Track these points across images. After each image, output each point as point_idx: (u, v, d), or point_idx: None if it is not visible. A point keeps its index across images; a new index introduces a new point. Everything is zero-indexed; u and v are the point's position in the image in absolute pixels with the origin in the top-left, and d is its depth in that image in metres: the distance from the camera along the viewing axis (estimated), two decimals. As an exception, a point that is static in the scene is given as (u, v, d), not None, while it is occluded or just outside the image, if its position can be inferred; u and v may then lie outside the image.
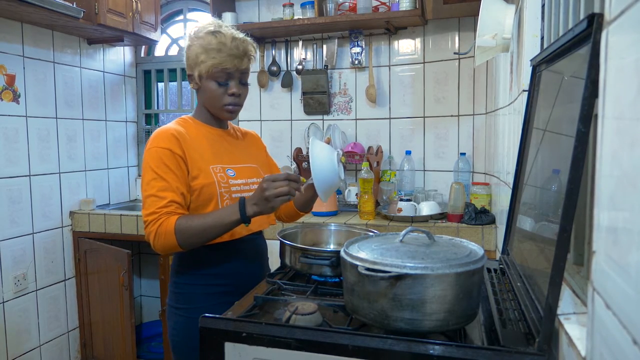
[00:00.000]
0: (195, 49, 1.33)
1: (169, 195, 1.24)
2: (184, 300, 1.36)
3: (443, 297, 0.83)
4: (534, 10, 1.28)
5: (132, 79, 3.27)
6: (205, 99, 1.38)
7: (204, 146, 1.36)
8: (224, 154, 1.41)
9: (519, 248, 1.15)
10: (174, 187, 1.25)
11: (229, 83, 1.34)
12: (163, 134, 1.31)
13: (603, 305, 0.54)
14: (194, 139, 1.35)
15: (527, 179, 1.15)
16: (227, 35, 1.32)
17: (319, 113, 2.89)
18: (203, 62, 1.31)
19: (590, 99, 0.66)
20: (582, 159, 0.68)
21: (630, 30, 0.49)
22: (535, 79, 1.15)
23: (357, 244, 0.99)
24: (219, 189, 1.32)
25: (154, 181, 1.25)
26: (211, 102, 1.37)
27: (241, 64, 1.34)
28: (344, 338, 0.83)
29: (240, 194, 1.36)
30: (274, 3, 2.91)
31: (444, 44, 2.64)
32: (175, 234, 1.21)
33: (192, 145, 1.33)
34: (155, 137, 1.31)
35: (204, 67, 1.31)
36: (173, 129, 1.33)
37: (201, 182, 1.30)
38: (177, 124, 1.37)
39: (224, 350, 0.90)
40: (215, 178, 1.32)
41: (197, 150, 1.33)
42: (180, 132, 1.32)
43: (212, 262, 1.35)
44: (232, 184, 1.36)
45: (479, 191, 2.26)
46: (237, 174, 1.39)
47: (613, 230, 0.52)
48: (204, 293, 1.34)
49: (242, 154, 1.47)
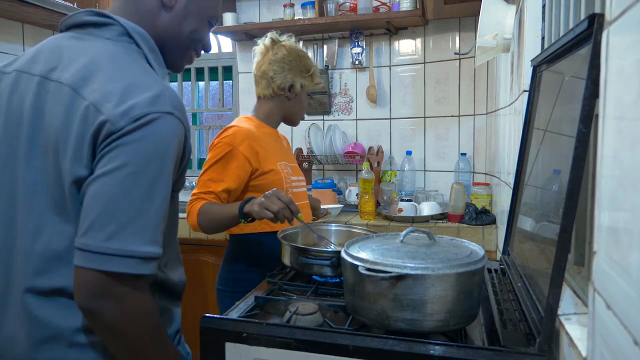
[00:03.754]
0: (308, 62, 1.57)
1: (213, 186, 1.41)
2: (234, 284, 1.50)
3: (444, 298, 0.83)
4: (534, 10, 1.28)
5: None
6: (294, 108, 1.60)
7: (272, 145, 1.55)
8: (283, 153, 1.61)
9: (519, 248, 1.15)
10: (221, 182, 1.42)
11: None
12: (239, 135, 1.46)
13: (604, 305, 0.54)
14: (264, 138, 1.52)
15: (527, 179, 1.15)
16: (311, 57, 1.62)
17: (320, 113, 2.89)
18: (310, 78, 1.57)
19: (591, 99, 0.66)
20: (583, 159, 0.68)
21: (631, 30, 0.49)
22: (535, 79, 1.15)
23: (358, 244, 0.99)
24: (285, 184, 1.51)
25: (210, 170, 1.44)
26: (300, 112, 1.62)
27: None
28: (345, 338, 0.83)
29: (296, 189, 1.56)
30: (274, 3, 2.91)
31: (445, 44, 2.64)
32: (198, 215, 1.37)
33: (263, 145, 1.50)
34: (230, 134, 1.46)
35: (310, 82, 1.57)
36: (246, 128, 1.49)
37: (272, 177, 1.49)
38: (249, 124, 1.53)
39: (225, 351, 0.90)
40: (283, 174, 1.52)
41: (266, 148, 1.51)
42: (254, 135, 1.49)
43: (262, 248, 1.50)
44: (292, 180, 1.55)
45: (479, 191, 2.26)
46: (292, 171, 1.59)
47: (614, 230, 0.52)
48: (253, 278, 1.43)
49: (289, 154, 1.69)
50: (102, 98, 0.77)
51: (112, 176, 0.75)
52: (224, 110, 3.18)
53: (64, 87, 0.80)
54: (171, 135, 0.80)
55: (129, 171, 0.75)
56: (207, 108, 3.19)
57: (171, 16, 0.91)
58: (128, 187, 0.75)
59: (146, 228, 0.77)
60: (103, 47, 0.84)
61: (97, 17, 0.87)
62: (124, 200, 0.75)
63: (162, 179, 0.79)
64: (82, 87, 0.79)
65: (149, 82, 0.81)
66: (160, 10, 0.90)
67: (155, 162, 0.77)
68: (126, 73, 0.81)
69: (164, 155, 0.79)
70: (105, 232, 0.74)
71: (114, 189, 0.75)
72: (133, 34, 0.87)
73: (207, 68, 3.14)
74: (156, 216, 0.78)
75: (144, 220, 0.76)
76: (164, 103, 0.79)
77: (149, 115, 0.76)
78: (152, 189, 0.77)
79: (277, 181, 1.49)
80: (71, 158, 0.78)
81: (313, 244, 1.43)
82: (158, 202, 0.78)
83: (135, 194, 0.76)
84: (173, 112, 0.80)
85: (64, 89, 0.79)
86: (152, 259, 0.78)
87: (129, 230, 0.75)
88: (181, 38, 0.94)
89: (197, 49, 1.00)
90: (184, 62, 1.00)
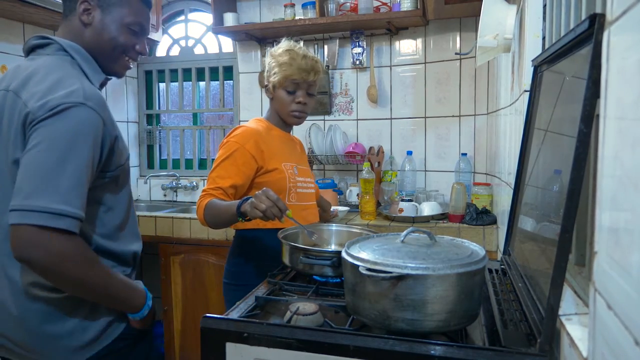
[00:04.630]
0: (271, 64, 1.60)
1: (221, 182, 1.47)
2: (238, 278, 1.57)
3: (444, 298, 0.83)
4: (535, 10, 1.28)
5: (134, 79, 3.27)
6: (277, 106, 1.63)
7: (277, 145, 1.60)
8: (291, 154, 1.66)
9: (520, 248, 1.15)
10: (228, 178, 1.48)
11: (297, 92, 1.59)
12: (247, 134, 1.53)
13: (605, 305, 0.54)
14: (270, 139, 1.59)
15: (528, 180, 1.15)
16: (299, 54, 1.58)
17: (320, 113, 2.89)
18: (276, 73, 1.57)
19: (592, 99, 0.66)
20: (584, 159, 0.68)
21: (632, 30, 0.49)
22: (536, 79, 1.15)
23: (358, 245, 0.99)
24: (288, 184, 1.56)
25: (218, 168, 1.50)
26: (281, 109, 1.61)
27: (308, 76, 1.57)
28: (345, 338, 0.83)
29: (303, 189, 1.61)
30: (275, 3, 2.91)
31: (446, 44, 2.64)
32: (204, 210, 1.43)
33: (268, 143, 1.56)
34: (239, 133, 1.54)
35: (277, 78, 1.57)
36: (257, 130, 1.56)
37: (275, 175, 1.54)
38: (257, 125, 1.61)
39: (225, 351, 0.90)
40: (287, 174, 1.57)
41: (272, 148, 1.57)
42: (261, 134, 1.56)
43: (261, 244, 1.55)
44: (298, 180, 1.60)
45: (480, 191, 2.26)
46: (300, 173, 1.64)
47: (615, 230, 0.52)
48: (257, 272, 1.51)
49: (300, 156, 1.74)
50: (30, 96, 1.01)
51: (30, 152, 0.97)
52: (224, 111, 3.17)
53: (10, 94, 1.06)
54: (81, 119, 1.00)
55: (42, 147, 0.97)
56: (207, 108, 3.19)
57: (91, 30, 1.14)
58: (41, 159, 0.96)
59: (58, 191, 0.96)
60: (42, 60, 1.09)
61: (40, 40, 1.13)
62: (38, 169, 0.96)
63: (75, 154, 0.98)
64: (20, 91, 1.04)
65: (70, 82, 1.03)
66: (83, 28, 1.14)
67: (64, 139, 0.97)
68: (53, 77, 1.03)
69: (75, 135, 0.99)
70: (24, 193, 0.95)
71: (31, 161, 0.97)
72: (67, 49, 1.11)
73: (208, 68, 3.14)
74: (69, 182, 0.97)
75: (55, 185, 0.96)
76: (77, 96, 1.00)
77: (61, 105, 0.98)
78: (64, 160, 0.97)
79: (280, 180, 1.54)
80: (12, 144, 1.03)
81: (314, 244, 1.43)
82: (70, 171, 0.97)
83: (47, 164, 0.96)
84: (85, 103, 1.01)
85: (10, 94, 1.06)
86: (65, 215, 0.96)
87: (42, 191, 0.95)
88: (104, 47, 1.15)
89: (129, 54, 1.19)
90: (118, 67, 1.20)
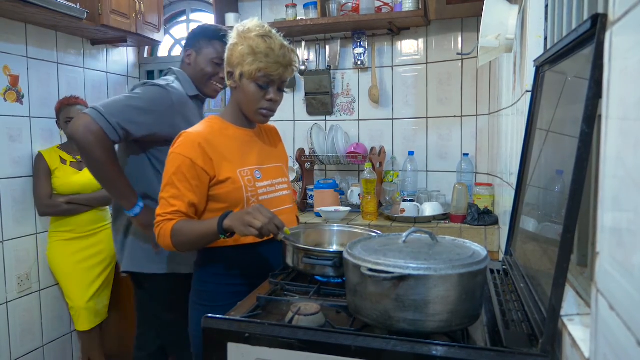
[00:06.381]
0: (242, 48, 1.33)
1: (177, 204, 1.30)
2: (207, 298, 1.39)
3: (446, 298, 0.83)
4: (537, 10, 1.28)
5: (136, 79, 3.27)
6: (241, 99, 1.39)
7: (231, 149, 1.38)
8: (252, 155, 1.43)
9: (522, 249, 1.14)
10: (183, 197, 1.30)
11: (269, 88, 1.36)
12: (189, 142, 1.32)
13: (607, 306, 0.54)
14: (222, 142, 1.37)
15: (530, 180, 1.15)
16: (277, 42, 1.35)
17: (322, 114, 2.89)
18: (248, 63, 1.32)
19: (594, 99, 0.66)
20: (586, 159, 0.68)
21: (634, 30, 0.49)
22: (538, 79, 1.15)
23: (360, 245, 0.99)
24: (245, 194, 1.35)
25: (168, 187, 1.32)
26: (247, 104, 1.38)
27: (285, 72, 1.36)
28: (347, 339, 0.83)
29: (267, 195, 1.41)
30: (276, 4, 2.91)
31: (447, 44, 2.64)
32: (171, 237, 1.29)
33: (219, 149, 1.35)
34: (180, 143, 1.33)
35: (249, 69, 1.32)
36: (201, 135, 1.34)
37: (229, 186, 1.34)
38: (205, 127, 1.38)
39: (227, 351, 0.90)
40: (243, 182, 1.36)
41: (224, 154, 1.35)
42: (207, 139, 1.34)
43: (238, 261, 1.38)
44: (259, 187, 1.39)
45: (482, 192, 2.26)
46: (264, 176, 1.42)
47: (617, 231, 0.52)
48: (227, 292, 1.36)
49: (269, 153, 1.50)
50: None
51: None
52: (226, 111, 3.18)
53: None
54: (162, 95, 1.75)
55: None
56: (209, 108, 3.19)
57: (191, 67, 1.84)
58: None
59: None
60: (164, 78, 1.83)
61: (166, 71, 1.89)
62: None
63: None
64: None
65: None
66: (187, 65, 1.85)
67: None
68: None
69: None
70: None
71: None
72: (179, 75, 1.83)
73: (210, 68, 3.15)
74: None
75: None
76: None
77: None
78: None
79: (235, 191, 1.34)
80: None
81: (315, 244, 1.43)
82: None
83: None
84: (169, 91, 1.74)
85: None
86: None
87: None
88: (198, 76, 1.84)
89: (215, 81, 1.85)
90: (209, 90, 1.86)
